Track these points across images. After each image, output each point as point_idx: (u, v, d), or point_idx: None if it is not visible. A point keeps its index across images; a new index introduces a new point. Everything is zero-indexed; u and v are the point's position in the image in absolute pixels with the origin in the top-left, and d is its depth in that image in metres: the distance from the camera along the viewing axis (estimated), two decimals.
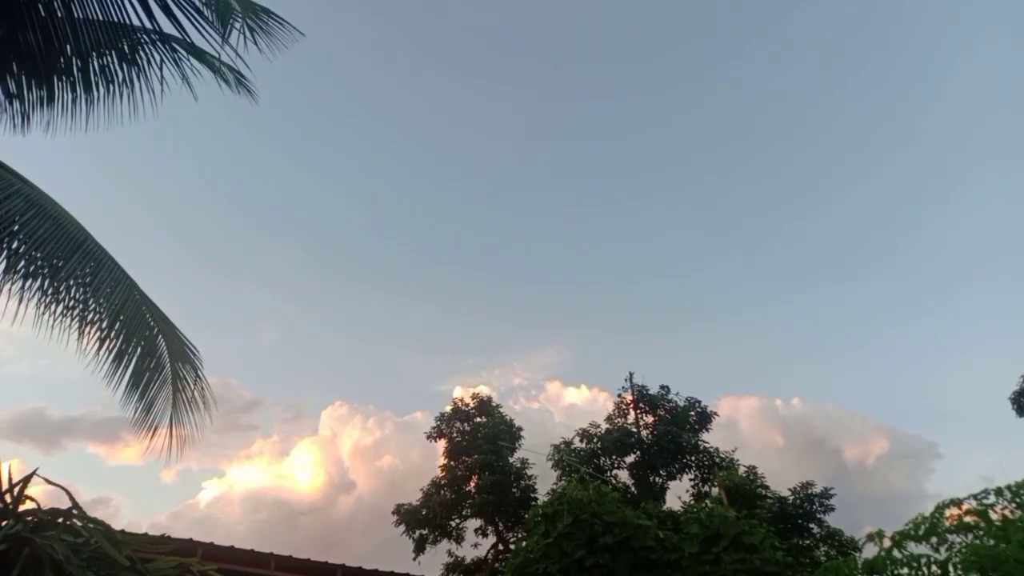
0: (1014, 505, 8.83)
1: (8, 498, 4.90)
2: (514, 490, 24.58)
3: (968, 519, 8.93)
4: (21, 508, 4.88)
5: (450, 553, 24.72)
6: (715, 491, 21.56)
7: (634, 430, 24.62)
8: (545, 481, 24.32)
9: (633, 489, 23.33)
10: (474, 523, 25.14)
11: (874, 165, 48.33)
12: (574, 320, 53.54)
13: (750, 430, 40.94)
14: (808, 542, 21.56)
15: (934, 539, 9.01)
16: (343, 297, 54.05)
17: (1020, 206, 48.36)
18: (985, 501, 9.03)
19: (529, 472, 25.25)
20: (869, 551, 10.39)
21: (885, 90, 47.66)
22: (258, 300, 51.90)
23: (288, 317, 52.66)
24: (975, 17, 39.75)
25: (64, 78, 7.22)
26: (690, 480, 24.26)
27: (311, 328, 54.22)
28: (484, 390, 27.81)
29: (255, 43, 6.80)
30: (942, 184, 46.84)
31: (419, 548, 24.51)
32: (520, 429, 26.58)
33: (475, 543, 24.97)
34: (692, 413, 25.18)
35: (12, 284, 5.60)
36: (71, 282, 5.82)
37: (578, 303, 52.94)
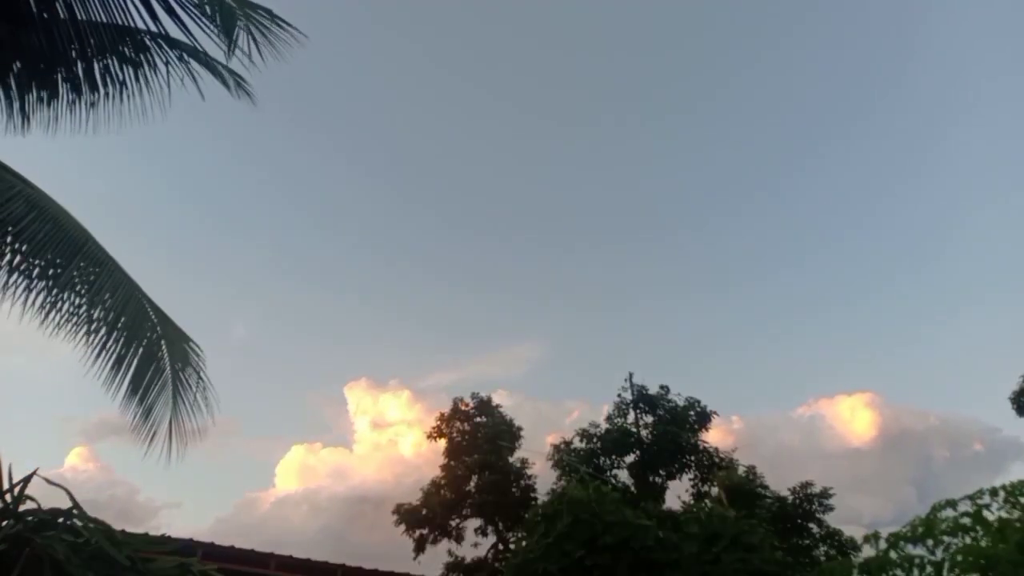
0: (1009, 506, 8.85)
1: (8, 498, 4.93)
2: (514, 490, 24.61)
3: (964, 520, 8.94)
4: (21, 508, 4.91)
5: (450, 553, 24.75)
6: (715, 491, 21.59)
7: (633, 430, 24.63)
8: (545, 481, 24.36)
9: (633, 489, 23.34)
10: (474, 523, 25.17)
11: None
12: (552, 314, 52.65)
13: (842, 430, 41.26)
14: (807, 542, 21.58)
15: (930, 540, 9.03)
16: (305, 294, 52.99)
17: None
18: (980, 502, 9.04)
19: (529, 472, 25.30)
20: (867, 552, 10.42)
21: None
22: (225, 296, 51.20)
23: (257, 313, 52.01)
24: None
25: (67, 80, 7.25)
26: (690, 480, 24.29)
27: (278, 325, 53.46)
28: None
29: (257, 46, 6.81)
30: None
31: (419, 548, 24.55)
32: (520, 429, 26.63)
33: (475, 543, 25.00)
34: (691, 413, 25.19)
35: (15, 287, 5.63)
36: (73, 285, 5.84)
37: (557, 296, 52.12)
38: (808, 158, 49.39)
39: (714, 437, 25.05)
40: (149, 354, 6.14)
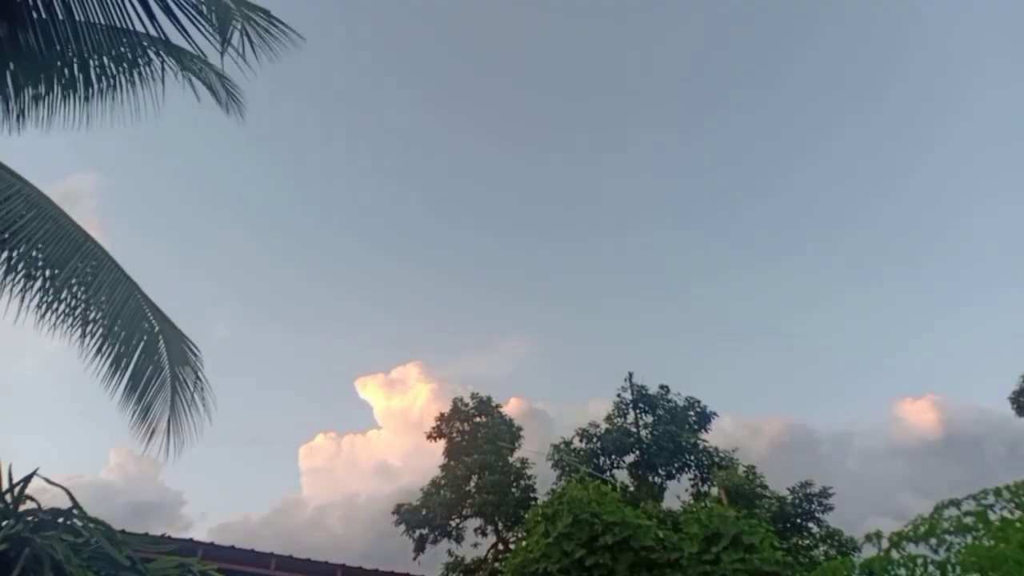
0: (1013, 505, 8.83)
1: (8, 498, 4.92)
2: (514, 490, 24.62)
3: (967, 520, 8.92)
4: (21, 508, 4.89)
5: (450, 553, 24.77)
6: (714, 491, 21.60)
7: (633, 430, 24.65)
8: (545, 481, 24.38)
9: (632, 489, 23.36)
10: (474, 523, 25.20)
11: None
12: (541, 308, 51.46)
13: (904, 429, 41.53)
14: (807, 542, 21.60)
15: (933, 540, 9.01)
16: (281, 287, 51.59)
17: None
18: (984, 502, 9.03)
19: (529, 472, 25.31)
20: (868, 551, 10.40)
21: None
22: (207, 292, 50.09)
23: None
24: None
25: (64, 80, 7.23)
26: (689, 480, 24.32)
27: (254, 325, 52.38)
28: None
29: (252, 48, 6.77)
30: None
31: (419, 548, 24.56)
32: (520, 429, 26.64)
33: (475, 543, 25.05)
34: (691, 413, 25.22)
35: (13, 285, 5.62)
36: (71, 283, 5.84)
37: (549, 288, 50.93)
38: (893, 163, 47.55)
39: (768, 434, 24.47)
40: (147, 353, 6.13)
